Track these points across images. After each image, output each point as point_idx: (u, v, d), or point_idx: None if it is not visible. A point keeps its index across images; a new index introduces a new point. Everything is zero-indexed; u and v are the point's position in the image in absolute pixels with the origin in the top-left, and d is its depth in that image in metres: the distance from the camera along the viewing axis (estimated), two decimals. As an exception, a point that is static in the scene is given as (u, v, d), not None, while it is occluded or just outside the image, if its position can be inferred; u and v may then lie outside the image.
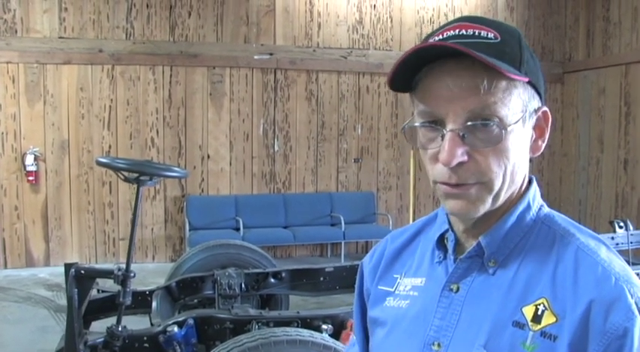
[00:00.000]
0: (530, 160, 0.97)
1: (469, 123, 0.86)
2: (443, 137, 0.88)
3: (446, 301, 0.95)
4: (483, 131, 0.86)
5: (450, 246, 1.00)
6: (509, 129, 0.86)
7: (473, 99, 0.85)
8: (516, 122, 0.88)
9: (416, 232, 1.11)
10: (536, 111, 0.93)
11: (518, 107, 0.88)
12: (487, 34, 0.88)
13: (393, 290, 1.07)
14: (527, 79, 0.88)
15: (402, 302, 1.03)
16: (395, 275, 1.08)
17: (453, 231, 0.99)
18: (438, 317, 0.95)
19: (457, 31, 0.89)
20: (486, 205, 0.90)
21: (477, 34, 0.88)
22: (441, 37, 0.90)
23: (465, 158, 0.87)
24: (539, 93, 0.93)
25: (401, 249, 1.11)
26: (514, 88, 0.87)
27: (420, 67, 0.89)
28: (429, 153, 0.91)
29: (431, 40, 0.91)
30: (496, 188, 0.89)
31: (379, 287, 1.10)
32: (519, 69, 0.87)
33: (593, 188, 8.62)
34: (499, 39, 0.88)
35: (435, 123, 0.89)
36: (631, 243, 4.60)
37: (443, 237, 1.02)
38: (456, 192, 0.89)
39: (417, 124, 0.92)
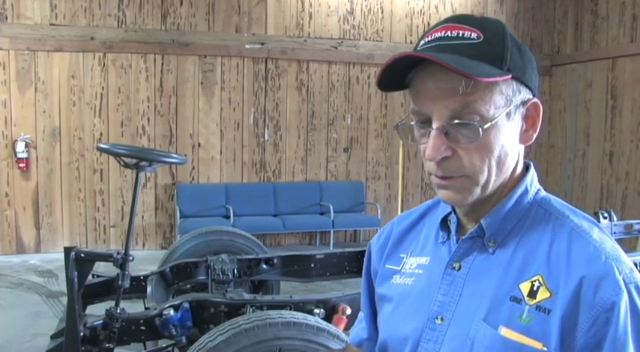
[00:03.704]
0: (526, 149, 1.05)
1: (452, 121, 0.94)
2: (429, 134, 0.96)
3: (449, 278, 1.03)
4: (464, 129, 0.94)
5: (452, 227, 1.08)
6: (487, 126, 0.93)
7: (453, 99, 0.93)
8: (498, 117, 0.94)
9: (421, 215, 1.20)
10: (524, 103, 0.98)
11: (501, 102, 0.94)
12: (470, 35, 0.94)
13: (399, 268, 1.15)
14: (507, 77, 0.94)
15: (407, 279, 1.12)
16: (401, 255, 1.17)
17: (455, 213, 1.07)
18: (442, 293, 1.03)
19: (443, 32, 0.96)
20: (474, 195, 0.98)
21: (460, 35, 0.95)
22: (429, 38, 0.98)
23: (449, 153, 0.95)
24: (528, 86, 0.98)
25: (407, 231, 1.20)
26: (495, 86, 0.93)
27: (410, 68, 0.97)
28: (422, 148, 0.99)
29: (422, 41, 0.99)
30: (482, 180, 0.97)
31: (386, 266, 1.18)
32: (500, 67, 0.93)
33: (579, 180, 8.75)
34: (482, 38, 0.94)
35: (424, 121, 0.97)
36: (614, 233, 4.72)
37: (446, 219, 1.10)
38: (444, 183, 0.98)
39: (412, 123, 1.00)
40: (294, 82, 8.10)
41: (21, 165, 7.05)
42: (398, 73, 0.98)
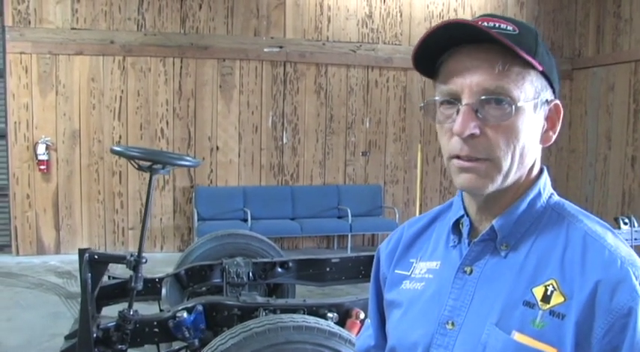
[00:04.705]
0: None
1: (483, 97, 0.93)
2: (458, 112, 0.94)
3: (460, 282, 1.01)
4: (495, 107, 0.93)
5: (464, 230, 1.05)
6: (519, 105, 0.93)
7: (487, 77, 0.93)
8: (527, 103, 0.94)
9: (432, 219, 1.17)
10: (548, 102, 0.99)
11: (530, 93, 0.95)
12: (506, 27, 0.95)
13: (409, 273, 1.13)
14: (540, 68, 0.94)
15: (417, 284, 1.09)
16: (411, 260, 1.14)
17: (468, 216, 1.05)
18: (453, 298, 1.01)
19: (479, 23, 0.96)
20: (495, 183, 0.96)
21: (496, 26, 0.95)
22: None
23: (477, 131, 0.93)
24: (552, 87, 0.99)
25: (417, 235, 1.17)
26: (527, 75, 0.94)
27: (442, 51, 0.97)
28: (445, 128, 0.98)
29: None
30: (505, 167, 0.95)
31: (396, 271, 1.16)
32: (534, 58, 0.94)
33: (600, 184, 8.63)
34: (517, 32, 0.95)
35: (453, 99, 0.96)
36: (635, 239, 4.63)
37: (458, 222, 1.07)
38: (467, 165, 0.95)
39: (437, 98, 0.99)
40: (312, 85, 8.10)
41: (42, 167, 7.14)
42: (428, 57, 0.99)
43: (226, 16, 7.71)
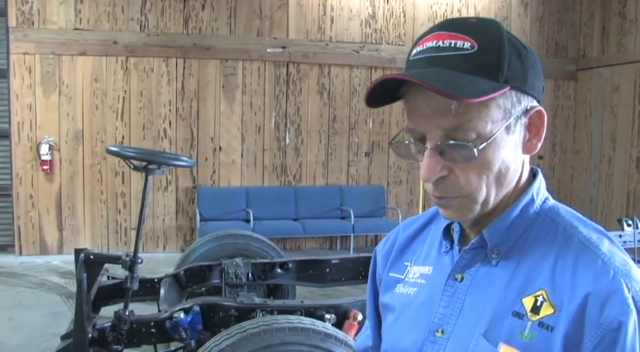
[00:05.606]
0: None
1: (446, 141, 0.88)
2: (425, 152, 0.91)
3: (450, 290, 0.98)
4: (459, 149, 0.88)
5: (455, 236, 1.03)
6: (482, 146, 0.87)
7: (446, 119, 0.87)
8: (496, 133, 0.88)
9: (427, 221, 1.14)
10: (526, 112, 0.92)
11: (499, 116, 0.89)
12: (463, 45, 0.88)
13: (403, 277, 1.10)
14: (504, 90, 0.87)
15: (410, 289, 1.07)
16: (405, 263, 1.12)
17: (458, 222, 1.02)
18: (443, 305, 0.98)
19: (434, 42, 0.91)
20: (474, 212, 0.93)
21: (452, 45, 0.89)
22: (421, 48, 0.92)
23: (445, 173, 0.90)
24: (530, 94, 0.92)
25: (412, 238, 1.15)
26: (491, 101, 0.87)
27: (401, 82, 0.91)
28: (419, 165, 0.94)
29: (414, 50, 0.94)
30: (480, 198, 0.92)
31: (390, 274, 1.14)
32: (497, 79, 0.87)
33: (605, 186, 8.58)
34: (476, 48, 0.88)
35: (419, 138, 0.92)
36: (638, 241, 4.58)
37: (450, 227, 1.05)
38: (442, 202, 0.94)
39: (407, 142, 0.96)
40: (315, 85, 8.09)
41: (45, 167, 7.16)
42: (389, 88, 0.93)
43: (229, 16, 7.71)
